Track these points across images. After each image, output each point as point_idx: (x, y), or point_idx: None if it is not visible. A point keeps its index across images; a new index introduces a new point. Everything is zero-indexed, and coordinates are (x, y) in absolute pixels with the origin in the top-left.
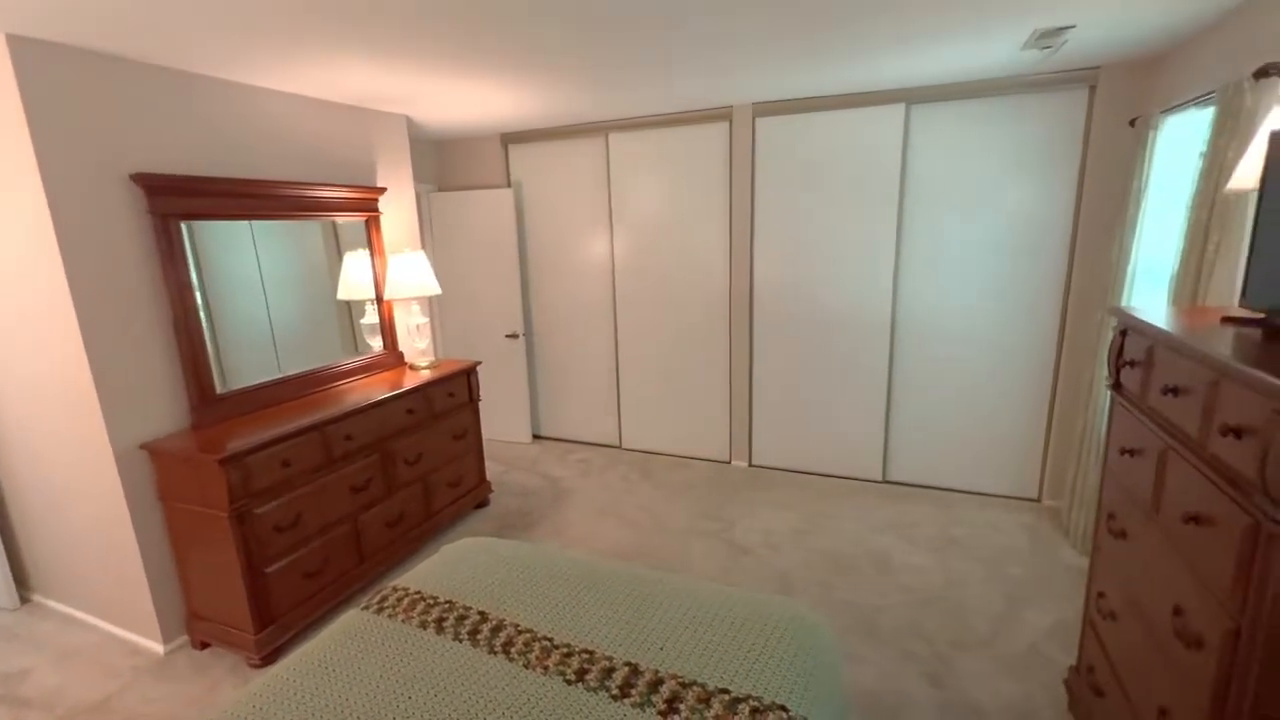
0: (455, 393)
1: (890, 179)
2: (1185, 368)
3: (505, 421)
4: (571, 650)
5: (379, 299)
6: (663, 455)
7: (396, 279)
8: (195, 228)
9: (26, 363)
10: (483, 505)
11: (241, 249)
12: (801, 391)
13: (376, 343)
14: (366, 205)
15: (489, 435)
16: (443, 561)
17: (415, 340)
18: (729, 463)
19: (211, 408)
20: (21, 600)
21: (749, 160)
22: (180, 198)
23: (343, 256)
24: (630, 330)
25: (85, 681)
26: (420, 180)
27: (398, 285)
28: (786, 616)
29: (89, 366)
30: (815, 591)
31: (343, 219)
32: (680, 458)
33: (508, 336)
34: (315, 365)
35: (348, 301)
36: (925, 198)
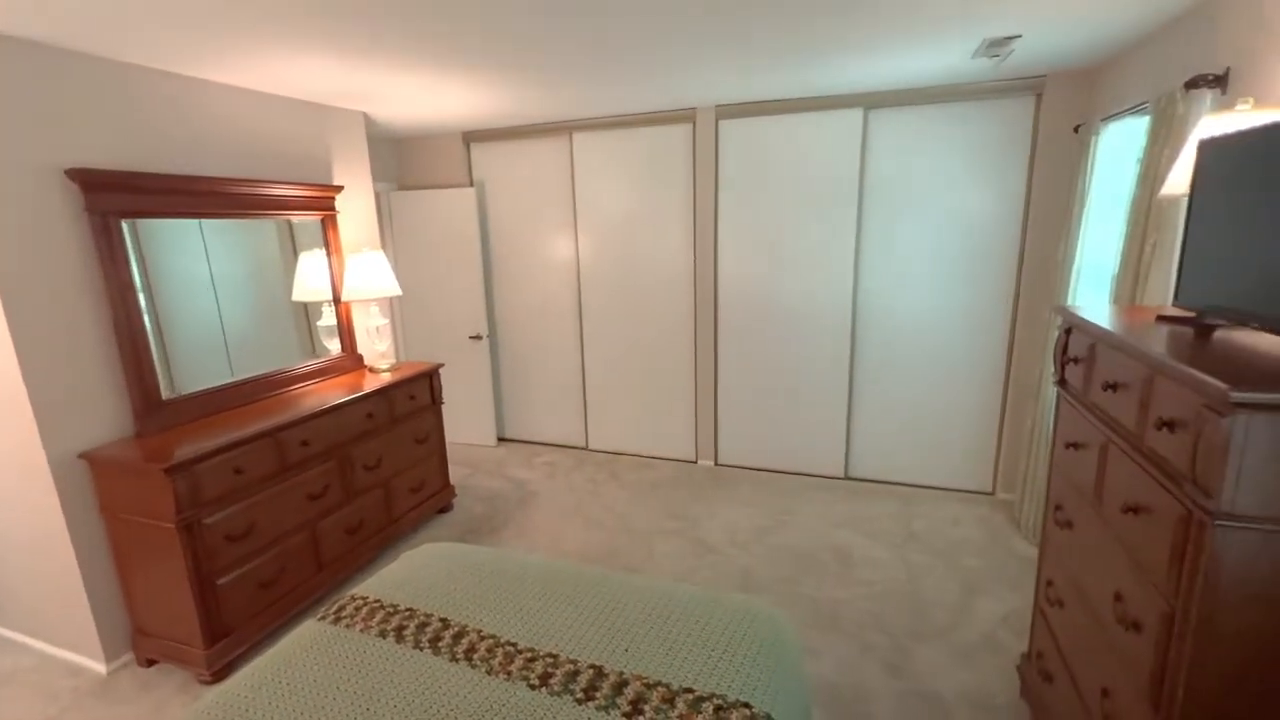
0: (417, 395)
1: (850, 181)
2: (1124, 364)
3: (469, 424)
4: (535, 655)
5: (336, 300)
6: (629, 456)
7: (355, 280)
8: (139, 226)
9: None
10: (446, 510)
11: (191, 248)
12: (765, 391)
13: (334, 345)
14: (322, 204)
15: (453, 438)
16: (403, 568)
17: (375, 342)
18: (695, 462)
19: (157, 413)
20: None
21: (712, 162)
22: (120, 194)
23: (298, 256)
24: (595, 331)
25: (21, 707)
26: (380, 179)
27: (356, 286)
28: (749, 614)
29: (20, 371)
30: (778, 588)
31: (298, 218)
32: (647, 458)
33: (471, 338)
34: (270, 369)
35: (304, 303)
36: (883, 200)
